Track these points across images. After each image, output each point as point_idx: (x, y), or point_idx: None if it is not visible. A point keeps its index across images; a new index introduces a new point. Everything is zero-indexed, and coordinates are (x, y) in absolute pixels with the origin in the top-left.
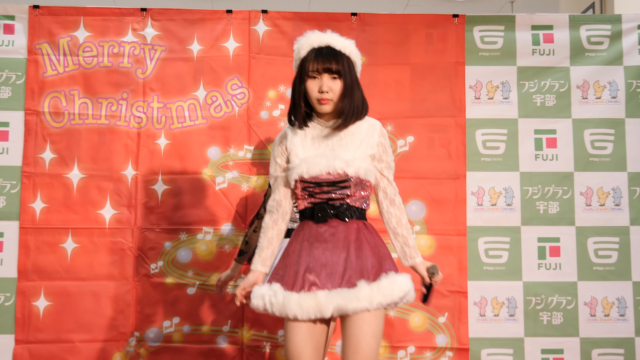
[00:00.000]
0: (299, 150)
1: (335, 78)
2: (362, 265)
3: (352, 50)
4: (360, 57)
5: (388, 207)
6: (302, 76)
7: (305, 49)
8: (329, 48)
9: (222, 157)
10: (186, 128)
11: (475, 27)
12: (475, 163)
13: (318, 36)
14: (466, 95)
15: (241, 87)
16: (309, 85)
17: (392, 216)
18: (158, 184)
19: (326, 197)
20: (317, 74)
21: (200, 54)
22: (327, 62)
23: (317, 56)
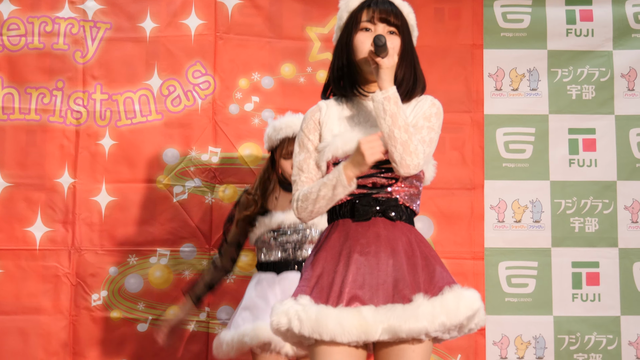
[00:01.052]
0: (334, 124)
1: (392, 34)
2: (416, 276)
3: (410, 13)
4: (416, 26)
5: None
6: (350, 29)
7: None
8: (387, 0)
9: (181, 161)
10: (136, 125)
11: (496, 1)
12: (495, 170)
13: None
14: (485, 85)
15: (205, 75)
16: (358, 39)
17: None
18: (101, 195)
19: (369, 187)
20: (370, 25)
21: (154, 33)
22: (384, 12)
23: (374, 4)
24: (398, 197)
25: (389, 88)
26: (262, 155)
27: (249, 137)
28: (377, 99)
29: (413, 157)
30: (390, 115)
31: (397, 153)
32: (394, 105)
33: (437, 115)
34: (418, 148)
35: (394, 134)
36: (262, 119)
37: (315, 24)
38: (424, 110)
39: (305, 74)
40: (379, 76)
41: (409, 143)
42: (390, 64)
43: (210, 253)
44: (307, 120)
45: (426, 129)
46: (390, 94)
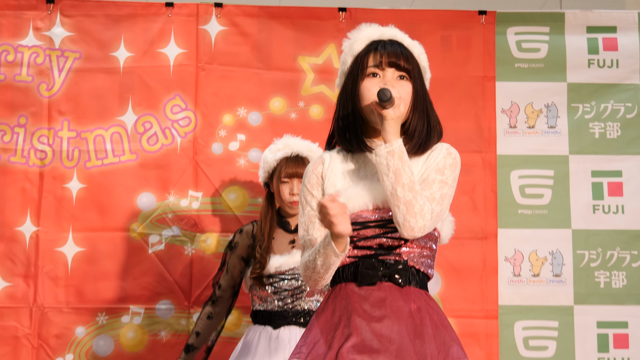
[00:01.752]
0: (337, 179)
1: (403, 79)
2: (423, 347)
3: (422, 54)
4: (429, 68)
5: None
6: (356, 75)
7: (362, 42)
8: (395, 41)
9: (157, 207)
10: (108, 167)
11: (509, 29)
12: (510, 217)
13: (378, 29)
14: (497, 122)
15: (185, 110)
16: (365, 86)
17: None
18: (67, 246)
19: (375, 248)
20: (378, 70)
21: (128, 63)
22: (393, 56)
23: (381, 47)
24: (407, 260)
25: (394, 141)
26: (249, 201)
27: (234, 180)
28: (380, 153)
29: (418, 219)
30: (393, 171)
31: (400, 214)
32: (398, 160)
33: (452, 167)
34: (424, 208)
35: (397, 193)
36: (249, 159)
37: (309, 53)
38: (437, 162)
39: (297, 109)
40: (383, 128)
41: (413, 203)
42: (396, 114)
43: (190, 311)
44: (309, 175)
45: (438, 183)
46: (395, 148)
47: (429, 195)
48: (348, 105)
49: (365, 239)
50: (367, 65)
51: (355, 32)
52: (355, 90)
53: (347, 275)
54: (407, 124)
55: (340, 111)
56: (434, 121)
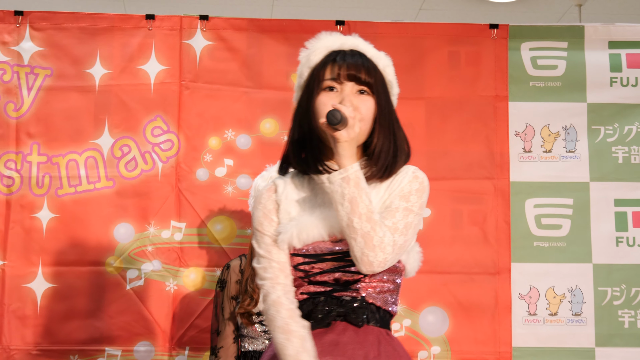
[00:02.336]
0: (291, 206)
1: (364, 93)
2: None
3: (388, 67)
4: (396, 82)
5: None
6: (312, 89)
7: (320, 52)
8: (356, 52)
9: (136, 239)
10: (82, 195)
11: (524, 44)
12: (524, 250)
13: (339, 38)
14: (510, 146)
15: (167, 132)
16: (320, 101)
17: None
18: (37, 282)
19: (331, 283)
20: (336, 83)
21: (105, 81)
22: (353, 68)
23: (340, 58)
24: (366, 296)
25: (349, 166)
26: (237, 232)
27: (221, 210)
28: (333, 180)
29: (377, 252)
30: (349, 200)
31: (357, 247)
32: (353, 187)
33: (418, 192)
34: (385, 240)
35: (353, 224)
36: (237, 186)
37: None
38: (401, 187)
39: None
40: (336, 151)
41: (371, 235)
42: (350, 136)
43: (172, 353)
44: (264, 201)
45: (402, 211)
46: (350, 174)
47: (391, 225)
48: (303, 122)
49: (320, 274)
50: (323, 78)
51: (313, 42)
52: (310, 106)
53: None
54: (371, 145)
55: (296, 129)
56: (400, 141)
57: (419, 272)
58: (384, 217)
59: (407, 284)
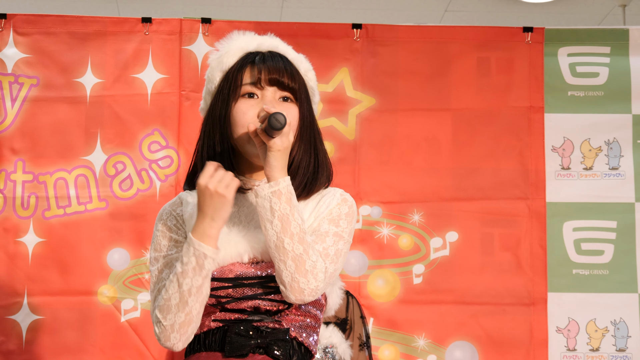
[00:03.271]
0: None
1: (287, 100)
2: None
3: (310, 71)
4: (317, 85)
5: None
6: (227, 96)
7: (235, 54)
8: (277, 54)
9: (132, 266)
10: (71, 217)
11: (561, 49)
12: (562, 278)
13: (255, 38)
14: (547, 163)
15: (166, 148)
16: (239, 109)
17: None
18: (22, 313)
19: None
20: (256, 89)
21: (97, 91)
22: (275, 71)
23: (259, 61)
24: (290, 329)
25: (280, 179)
26: None
27: None
28: (262, 194)
29: (310, 279)
30: (279, 217)
31: (287, 272)
32: (285, 203)
33: (348, 217)
34: (317, 265)
35: (284, 245)
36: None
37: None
38: (330, 209)
39: None
40: (267, 162)
41: (304, 258)
42: (284, 145)
43: None
44: (164, 217)
45: (332, 236)
46: (282, 188)
47: (321, 250)
48: (215, 132)
49: (236, 300)
50: (241, 83)
51: (225, 42)
52: (226, 114)
53: (212, 343)
54: (290, 158)
55: (206, 141)
56: (322, 156)
57: (446, 302)
58: (314, 241)
59: (431, 315)
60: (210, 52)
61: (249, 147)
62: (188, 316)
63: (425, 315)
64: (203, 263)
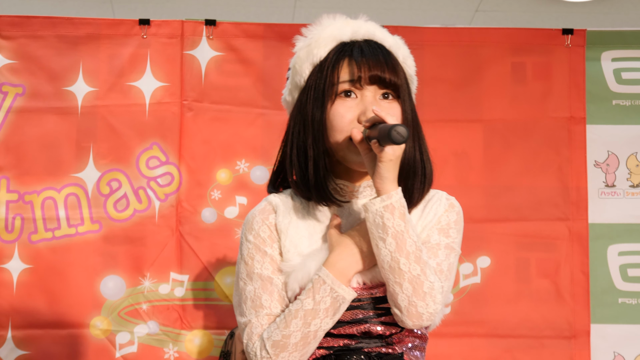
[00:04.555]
0: (299, 236)
1: (387, 97)
2: None
3: (408, 57)
4: (415, 71)
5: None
6: (322, 94)
7: (326, 44)
8: (374, 43)
9: (128, 295)
10: (61, 240)
11: (605, 53)
12: (607, 308)
13: (348, 24)
14: (589, 180)
15: (166, 164)
16: (337, 112)
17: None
18: (5, 347)
19: (358, 336)
20: (354, 88)
21: (89, 101)
22: (376, 67)
23: (357, 54)
24: (403, 353)
25: (393, 192)
26: None
27: (231, 258)
28: (373, 209)
29: (428, 302)
30: (393, 235)
31: (404, 295)
32: (399, 219)
33: (457, 225)
34: (435, 286)
35: (399, 266)
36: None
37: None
38: (438, 217)
39: None
40: (377, 173)
41: (422, 280)
42: (396, 154)
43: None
44: (256, 227)
45: (444, 249)
46: (394, 202)
47: (435, 267)
48: (307, 135)
49: (345, 324)
50: (337, 81)
51: (314, 29)
52: (321, 116)
53: None
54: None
55: (295, 142)
56: (426, 156)
57: (477, 336)
58: (426, 256)
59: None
60: (295, 39)
61: (349, 154)
62: (303, 357)
63: (454, 350)
64: (339, 307)
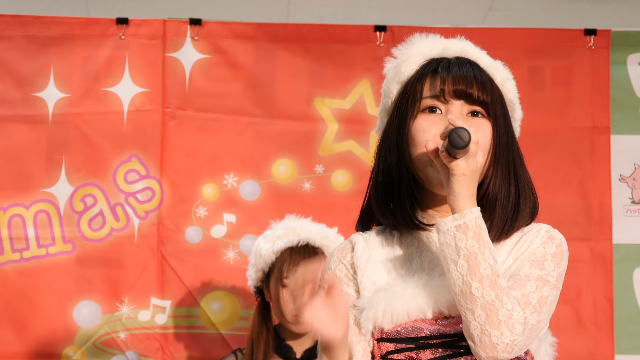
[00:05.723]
0: (377, 271)
1: (477, 115)
2: None
3: (509, 81)
4: (518, 98)
5: None
6: (405, 110)
7: (414, 61)
8: (465, 60)
9: (104, 323)
10: (30, 262)
11: (631, 55)
12: (632, 338)
13: (440, 42)
14: (613, 196)
15: (146, 178)
16: (418, 126)
17: None
18: None
19: None
20: (439, 102)
21: (61, 108)
22: (462, 81)
23: (443, 68)
24: None
25: (467, 210)
26: (241, 312)
27: (218, 283)
28: (444, 228)
29: (504, 331)
30: (465, 257)
31: (476, 323)
32: (473, 240)
33: (556, 258)
34: (513, 315)
35: (471, 290)
36: (242, 251)
37: (330, 94)
38: (532, 249)
39: (314, 176)
40: (449, 189)
41: (497, 306)
42: (470, 168)
43: None
44: (333, 265)
45: (534, 281)
46: (468, 221)
47: (520, 297)
48: (392, 155)
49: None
50: (421, 96)
51: (403, 48)
52: (403, 132)
53: None
54: (482, 188)
55: (381, 166)
56: (524, 185)
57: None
58: (511, 287)
59: None
60: (386, 60)
61: (430, 172)
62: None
63: None
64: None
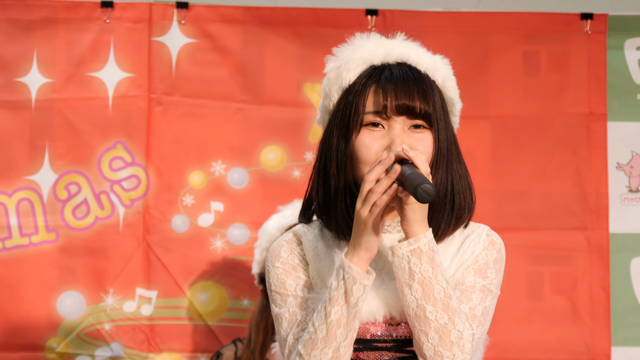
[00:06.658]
0: (326, 269)
1: (419, 128)
2: None
3: (449, 80)
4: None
5: None
6: (347, 123)
7: (356, 66)
8: (406, 67)
9: (88, 314)
10: (12, 252)
11: (629, 40)
12: (629, 329)
13: (381, 45)
14: (610, 184)
15: (131, 165)
16: (362, 142)
17: None
18: None
19: None
20: (382, 119)
21: (45, 94)
22: (405, 96)
23: (385, 81)
24: None
25: (421, 235)
26: (229, 303)
27: (206, 272)
28: (399, 252)
29: (455, 352)
30: (420, 281)
31: (429, 345)
32: (427, 264)
33: (496, 264)
34: (464, 335)
35: (425, 314)
36: (229, 240)
37: (321, 79)
38: (475, 255)
39: (304, 163)
40: (404, 216)
41: (449, 329)
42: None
43: None
44: (283, 253)
45: (479, 292)
46: (422, 245)
47: (468, 312)
48: (331, 164)
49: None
50: (363, 110)
51: (345, 50)
52: (345, 146)
53: None
54: None
55: (321, 168)
56: (463, 183)
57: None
58: (458, 298)
59: None
60: (327, 59)
61: None
62: (335, 354)
63: None
64: (352, 289)
